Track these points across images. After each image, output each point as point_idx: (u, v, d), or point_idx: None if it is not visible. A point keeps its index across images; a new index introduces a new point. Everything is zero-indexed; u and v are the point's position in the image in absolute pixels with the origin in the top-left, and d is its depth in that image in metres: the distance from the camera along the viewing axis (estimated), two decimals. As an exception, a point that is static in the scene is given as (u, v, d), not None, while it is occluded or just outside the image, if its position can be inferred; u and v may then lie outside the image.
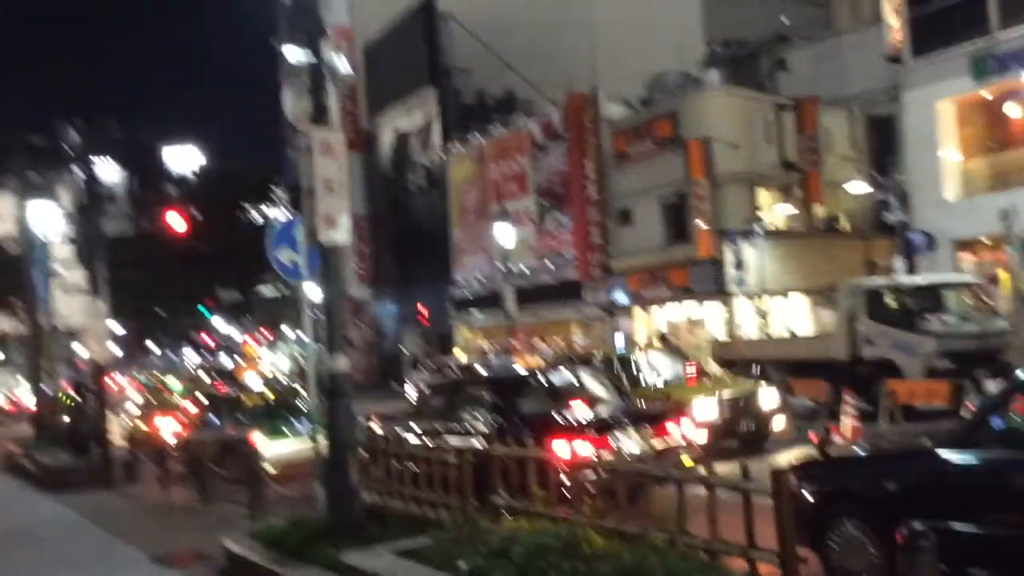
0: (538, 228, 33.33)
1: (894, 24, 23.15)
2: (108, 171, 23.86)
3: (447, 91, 41.74)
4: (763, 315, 25.00)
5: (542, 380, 10.51)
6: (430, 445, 8.24)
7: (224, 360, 49.37)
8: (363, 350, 43.76)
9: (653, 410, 9.60)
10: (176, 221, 22.37)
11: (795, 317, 26.66)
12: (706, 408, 12.25)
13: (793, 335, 22.00)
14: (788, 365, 16.11)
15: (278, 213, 49.89)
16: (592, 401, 9.74)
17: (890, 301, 15.16)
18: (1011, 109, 21.21)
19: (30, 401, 23.19)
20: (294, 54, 7.94)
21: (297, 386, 18.14)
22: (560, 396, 9.97)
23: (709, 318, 26.73)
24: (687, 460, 8.66)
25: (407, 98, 42.75)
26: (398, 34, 41.92)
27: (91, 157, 18.76)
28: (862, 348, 15.13)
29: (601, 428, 8.72)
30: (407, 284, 41.40)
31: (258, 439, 13.54)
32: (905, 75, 22.78)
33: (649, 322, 29.10)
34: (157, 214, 43.22)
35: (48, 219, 17.70)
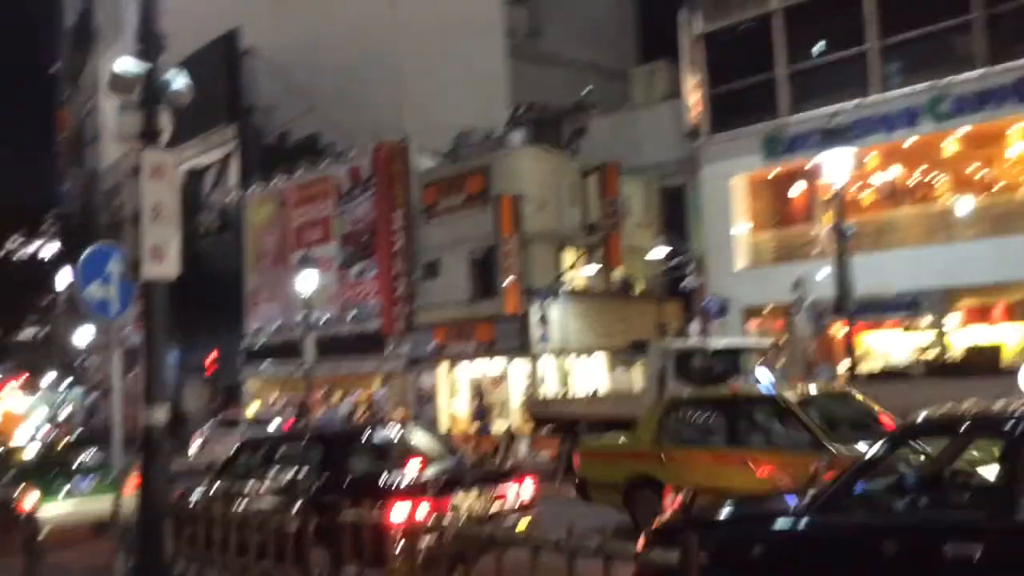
0: (340, 277, 32.43)
1: (693, 101, 24.66)
2: None
3: (247, 129, 40.15)
4: (565, 373, 25.43)
5: (372, 437, 9.89)
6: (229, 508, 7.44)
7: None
8: (136, 401, 40.44)
9: (492, 470, 9.23)
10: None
11: (595, 376, 27.34)
12: None
13: (598, 394, 22.46)
14: (600, 424, 16.25)
15: (48, 246, 45.94)
16: (427, 460, 9.23)
17: (697, 363, 15.76)
18: (796, 187, 23.10)
19: None
20: (126, 65, 7.07)
21: (72, 440, 16.32)
22: (392, 455, 9.40)
23: (513, 375, 26.86)
24: (523, 524, 8.38)
25: (203, 133, 40.71)
26: (196, 65, 39.53)
27: None
28: (671, 408, 15.52)
29: (441, 489, 8.24)
30: (192, 331, 38.83)
31: (30, 499, 12.01)
32: (702, 150, 24.21)
33: (453, 377, 28.88)
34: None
35: None
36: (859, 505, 5.54)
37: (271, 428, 24.49)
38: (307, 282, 25.77)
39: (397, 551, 6.02)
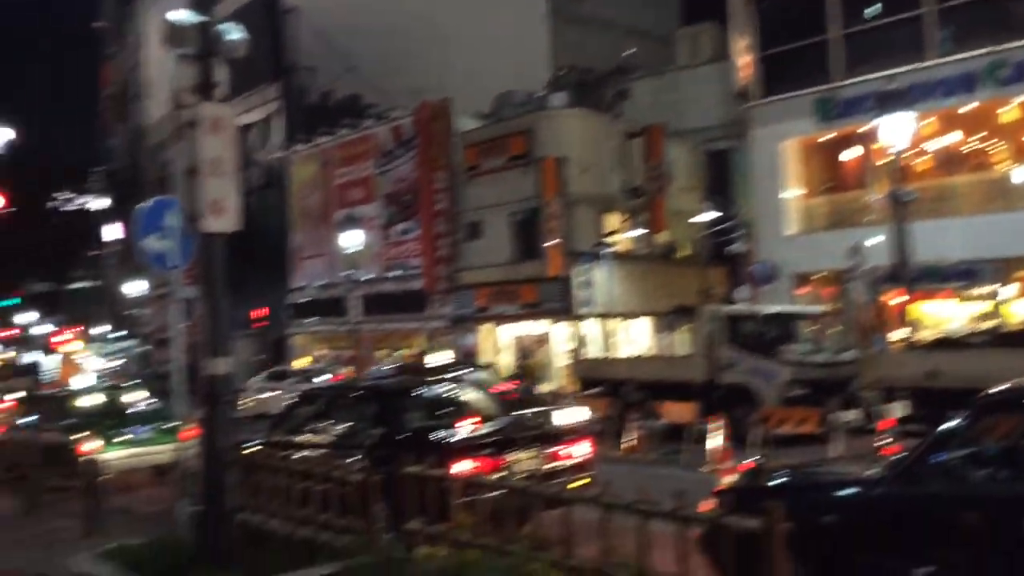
0: (383, 236, 32.52)
1: (742, 64, 24.17)
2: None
3: (290, 88, 40.22)
4: (608, 336, 25.35)
5: (429, 393, 9.92)
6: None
7: (32, 357, 45.13)
8: (186, 351, 41.21)
9: (548, 430, 9.23)
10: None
11: (638, 339, 27.25)
12: None
13: (645, 356, 22.35)
14: (646, 386, 16.17)
15: (96, 201, 46.54)
16: (483, 417, 9.25)
17: (749, 328, 15.60)
18: (850, 152, 22.62)
19: None
20: (181, 16, 7.04)
21: (128, 388, 16.60)
22: (449, 410, 9.42)
23: (556, 337, 26.84)
24: (579, 484, 8.36)
25: (246, 92, 40.80)
26: (239, 22, 39.92)
27: None
28: (719, 372, 15.46)
29: (498, 447, 8.24)
30: (239, 287, 39.24)
31: (89, 444, 12.28)
32: (752, 113, 23.77)
33: (496, 337, 28.93)
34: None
35: None
36: (936, 476, 5.43)
37: (319, 382, 24.89)
38: (350, 241, 25.94)
39: (459, 506, 6.05)
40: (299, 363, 33.10)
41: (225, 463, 6.96)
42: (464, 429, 8.72)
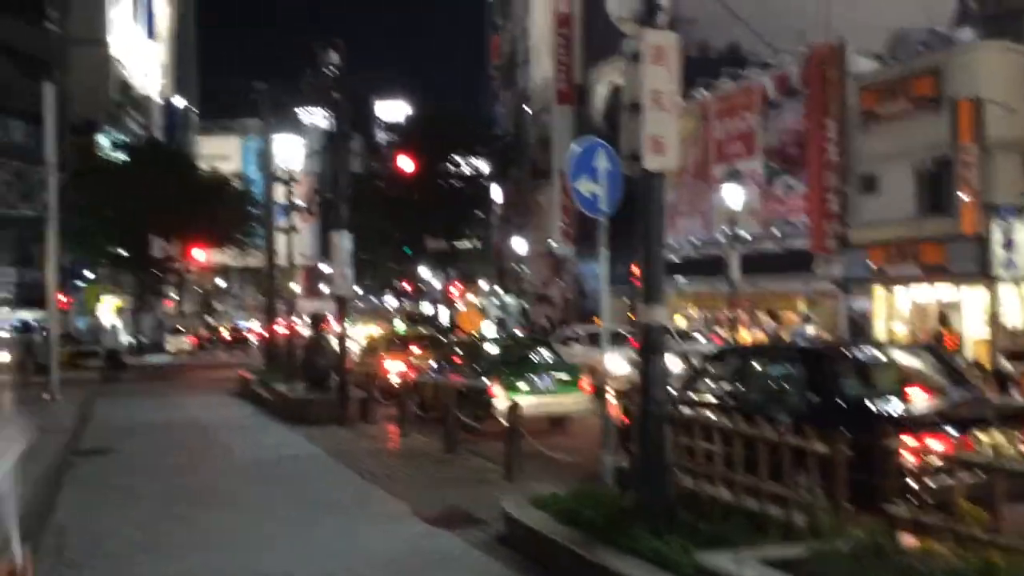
0: (764, 192, 30.96)
1: None
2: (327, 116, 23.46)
3: (669, 43, 39.67)
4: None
5: (866, 357, 8.80)
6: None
7: (429, 308, 49.95)
8: (561, 307, 42.96)
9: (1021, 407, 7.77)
10: (405, 163, 22.16)
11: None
12: None
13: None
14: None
15: (484, 165, 49.84)
16: (932, 389, 7.98)
17: None
18: None
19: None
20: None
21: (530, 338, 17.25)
22: (889, 379, 8.26)
23: (968, 303, 23.76)
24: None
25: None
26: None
27: (333, 95, 18.04)
28: None
29: (960, 423, 6.99)
30: (613, 243, 39.92)
31: (498, 389, 12.73)
32: None
33: (892, 302, 26.35)
34: (382, 157, 43.88)
35: (293, 154, 17.48)
36: None
37: (702, 342, 24.40)
38: (732, 197, 24.94)
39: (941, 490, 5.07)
40: (676, 323, 32.84)
41: (662, 417, 6.53)
42: (916, 401, 7.56)
